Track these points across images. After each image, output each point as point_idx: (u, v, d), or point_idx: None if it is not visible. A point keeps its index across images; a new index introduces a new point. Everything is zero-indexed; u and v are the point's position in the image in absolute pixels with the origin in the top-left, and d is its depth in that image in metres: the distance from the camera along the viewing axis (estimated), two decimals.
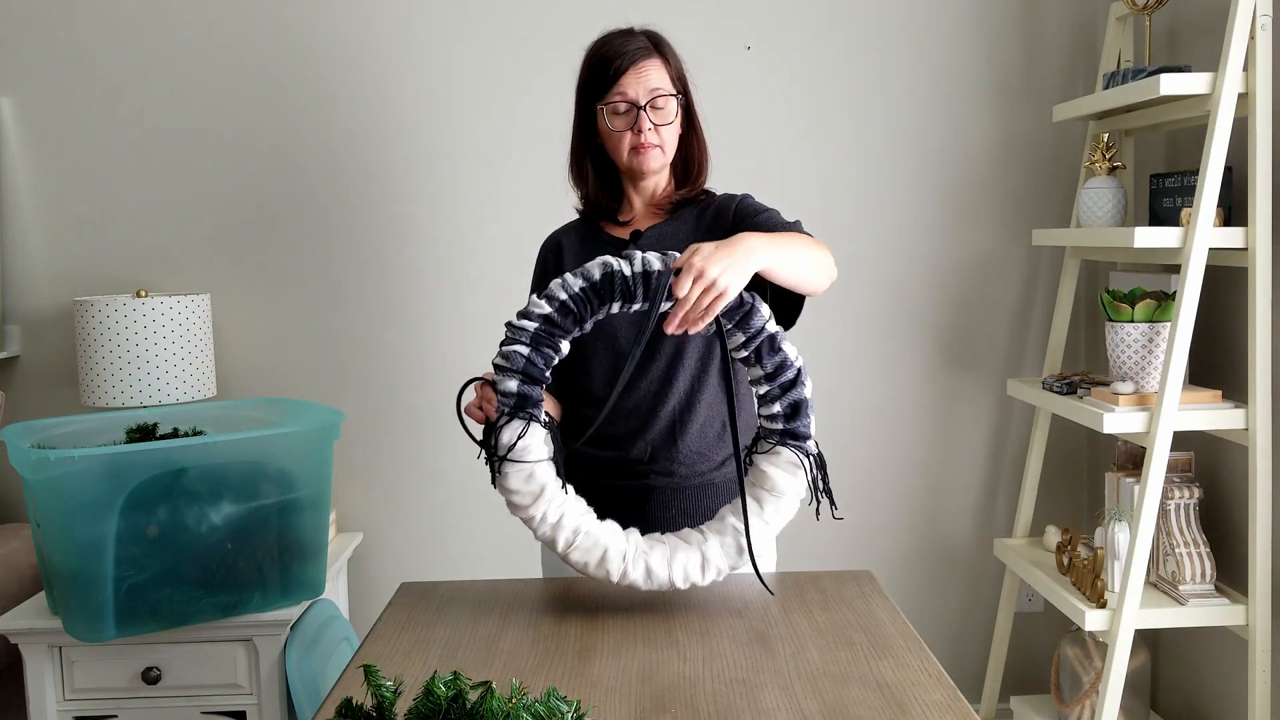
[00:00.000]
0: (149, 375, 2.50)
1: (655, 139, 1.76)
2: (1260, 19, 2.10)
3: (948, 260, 2.84)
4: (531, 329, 1.50)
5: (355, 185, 2.80)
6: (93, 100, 2.77)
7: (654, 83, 1.74)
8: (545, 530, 1.54)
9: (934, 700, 1.29)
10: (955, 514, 2.93)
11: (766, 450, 1.59)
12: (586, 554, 1.54)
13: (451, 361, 2.82)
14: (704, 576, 1.55)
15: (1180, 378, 2.16)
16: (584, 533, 1.54)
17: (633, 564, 1.53)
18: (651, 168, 1.78)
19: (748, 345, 1.54)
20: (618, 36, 1.78)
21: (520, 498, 1.53)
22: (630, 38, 1.77)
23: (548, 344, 1.51)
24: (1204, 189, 2.12)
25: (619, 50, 1.75)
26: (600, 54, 1.78)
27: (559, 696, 1.08)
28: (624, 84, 1.74)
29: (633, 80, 1.74)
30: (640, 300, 1.49)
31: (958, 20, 2.79)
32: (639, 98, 1.74)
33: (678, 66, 1.80)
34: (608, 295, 1.49)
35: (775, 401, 1.57)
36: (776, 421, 1.58)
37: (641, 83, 1.74)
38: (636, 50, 1.75)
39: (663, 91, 1.75)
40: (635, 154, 1.76)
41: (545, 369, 1.52)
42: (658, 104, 1.75)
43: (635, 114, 1.74)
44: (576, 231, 1.88)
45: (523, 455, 1.51)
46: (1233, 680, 2.39)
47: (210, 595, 2.15)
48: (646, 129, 1.74)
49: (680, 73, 1.81)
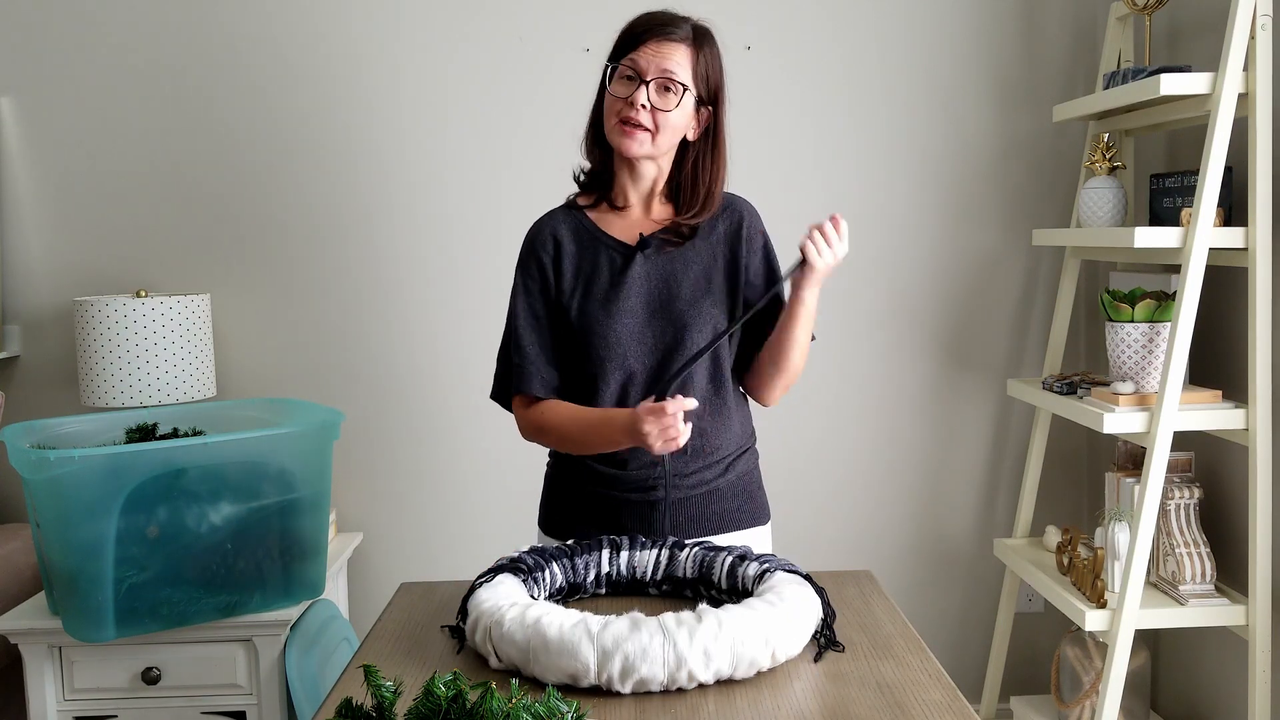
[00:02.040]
0: (149, 375, 2.50)
1: (645, 120, 1.66)
2: (1260, 19, 2.10)
3: (948, 260, 2.84)
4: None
5: (355, 185, 2.79)
6: (93, 100, 2.77)
7: (669, 65, 1.65)
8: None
9: (934, 700, 1.29)
10: (955, 514, 2.92)
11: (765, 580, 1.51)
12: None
13: (451, 362, 2.82)
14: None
15: (1180, 378, 2.16)
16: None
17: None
18: (631, 150, 1.68)
19: None
20: (664, 13, 1.70)
21: None
22: (675, 18, 1.69)
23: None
24: (1204, 189, 2.12)
25: (653, 21, 1.67)
26: (639, 19, 1.70)
27: (558, 697, 1.08)
28: (639, 53, 1.66)
29: (649, 52, 1.65)
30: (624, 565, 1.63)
31: (958, 21, 2.79)
32: (646, 71, 1.65)
33: (710, 69, 1.70)
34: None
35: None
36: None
37: (656, 59, 1.65)
38: (669, 29, 1.66)
39: (674, 77, 1.65)
40: (619, 129, 1.67)
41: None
42: (665, 86, 1.65)
43: (638, 87, 1.65)
44: (569, 226, 1.77)
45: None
46: (1233, 680, 2.39)
47: (210, 595, 2.15)
48: (639, 103, 1.64)
49: (712, 77, 1.71)
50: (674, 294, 1.73)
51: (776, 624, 1.35)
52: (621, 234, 1.76)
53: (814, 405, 2.85)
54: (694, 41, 1.68)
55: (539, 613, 1.36)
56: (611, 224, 1.77)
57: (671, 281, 1.73)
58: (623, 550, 1.64)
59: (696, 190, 1.74)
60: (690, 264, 1.74)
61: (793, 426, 2.82)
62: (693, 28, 1.69)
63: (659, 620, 1.33)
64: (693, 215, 1.74)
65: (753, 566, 1.55)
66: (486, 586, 1.49)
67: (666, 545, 1.64)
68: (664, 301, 1.73)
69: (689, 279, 1.74)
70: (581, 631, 1.31)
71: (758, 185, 2.79)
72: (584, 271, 1.75)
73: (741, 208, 1.81)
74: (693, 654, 1.30)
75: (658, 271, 1.73)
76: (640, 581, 1.63)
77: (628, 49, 1.67)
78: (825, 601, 1.49)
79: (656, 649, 1.29)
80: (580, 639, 1.30)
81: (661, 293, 1.73)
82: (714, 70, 1.71)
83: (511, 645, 1.35)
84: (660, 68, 1.65)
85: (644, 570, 1.63)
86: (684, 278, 1.74)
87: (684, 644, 1.30)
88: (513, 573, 1.55)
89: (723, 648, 1.31)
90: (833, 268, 1.67)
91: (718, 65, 1.72)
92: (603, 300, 1.72)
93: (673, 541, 1.64)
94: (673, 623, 1.32)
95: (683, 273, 1.74)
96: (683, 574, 1.61)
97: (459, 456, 2.83)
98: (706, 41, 1.70)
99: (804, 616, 1.40)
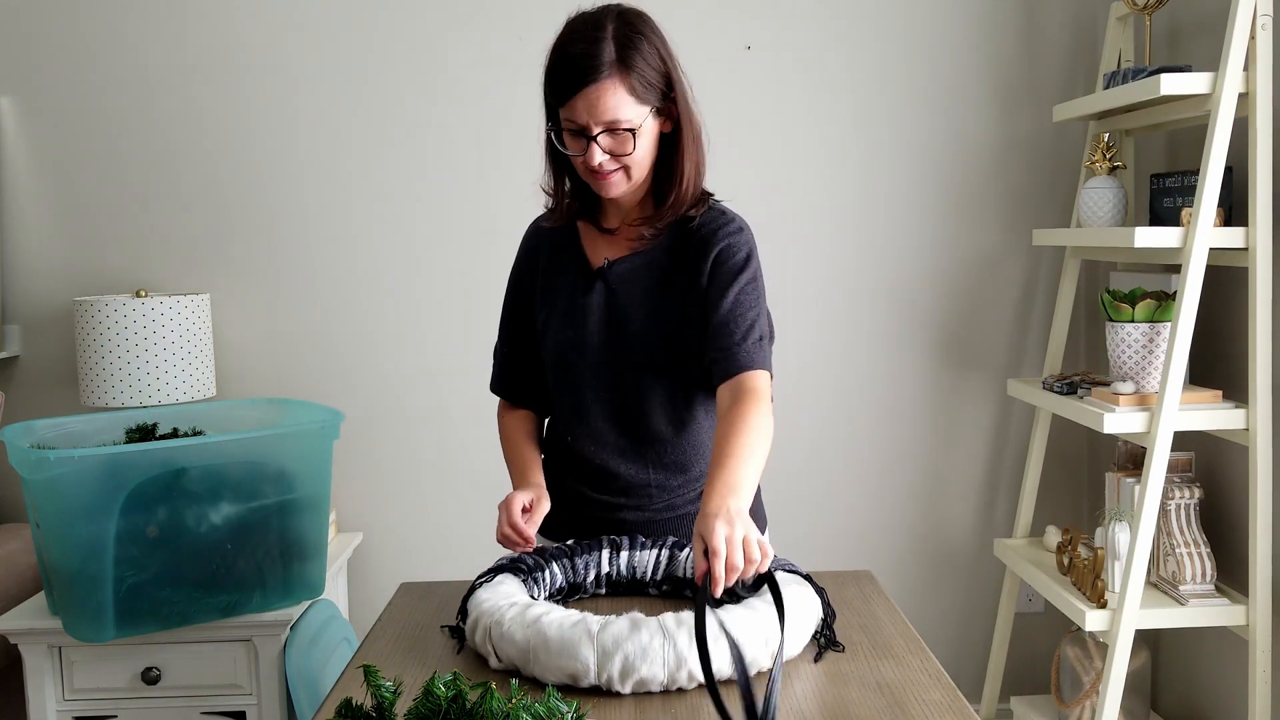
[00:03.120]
0: (149, 375, 2.50)
1: (613, 166, 1.55)
2: (1260, 19, 2.10)
3: (948, 260, 2.84)
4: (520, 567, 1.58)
5: (355, 185, 2.80)
6: (93, 100, 2.77)
7: (609, 113, 1.50)
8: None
9: (934, 700, 1.29)
10: (955, 514, 2.92)
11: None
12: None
13: (451, 362, 2.82)
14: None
15: (1180, 378, 2.16)
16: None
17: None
18: (611, 194, 1.59)
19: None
20: (580, 39, 1.51)
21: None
22: (592, 45, 1.50)
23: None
24: (1204, 189, 2.12)
25: (571, 68, 1.50)
26: (555, 63, 1.53)
27: (558, 697, 1.08)
28: (574, 108, 1.51)
29: (583, 107, 1.50)
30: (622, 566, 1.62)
31: (958, 20, 2.79)
32: (588, 126, 1.51)
33: (651, 74, 1.53)
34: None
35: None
36: None
37: (592, 112, 1.50)
38: (589, 72, 1.49)
39: (618, 123, 1.51)
40: (591, 179, 1.57)
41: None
42: (614, 131, 1.52)
43: (589, 143, 1.52)
44: (550, 237, 1.73)
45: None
46: (1233, 680, 2.39)
47: (210, 595, 2.15)
48: (596, 162, 1.53)
49: (656, 81, 1.54)
50: (628, 324, 1.66)
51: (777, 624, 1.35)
52: (595, 251, 1.69)
53: (814, 405, 2.85)
54: (620, 65, 1.50)
55: (539, 613, 1.36)
56: (594, 237, 1.71)
57: (631, 309, 1.65)
58: (623, 550, 1.64)
59: (670, 185, 1.61)
60: (650, 291, 1.65)
61: (793, 426, 2.82)
62: (615, 45, 1.50)
63: (659, 620, 1.33)
64: (671, 206, 1.62)
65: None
66: (486, 586, 1.49)
67: (666, 545, 1.64)
68: (617, 330, 1.66)
69: (646, 308, 1.65)
70: (581, 631, 1.31)
71: (758, 185, 2.81)
72: (551, 289, 1.71)
73: (720, 228, 1.64)
74: (693, 654, 1.30)
75: (616, 300, 1.66)
76: (640, 581, 1.63)
77: (559, 102, 1.53)
78: (825, 601, 1.49)
79: (656, 649, 1.29)
80: (580, 639, 1.30)
81: (616, 320, 1.66)
82: (655, 71, 1.54)
83: (511, 645, 1.35)
84: (600, 120, 1.50)
85: (644, 570, 1.63)
86: (640, 307, 1.65)
87: (684, 644, 1.30)
88: (513, 573, 1.55)
89: (723, 648, 1.31)
90: (732, 541, 1.33)
91: (657, 59, 1.54)
92: (560, 324, 1.69)
93: (673, 541, 1.64)
94: (673, 623, 1.32)
95: (640, 301, 1.65)
96: (683, 574, 1.61)
97: (459, 456, 2.83)
98: (635, 51, 1.51)
99: (804, 616, 1.40)
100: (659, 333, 1.64)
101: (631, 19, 1.54)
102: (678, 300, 1.64)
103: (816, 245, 2.82)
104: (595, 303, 1.67)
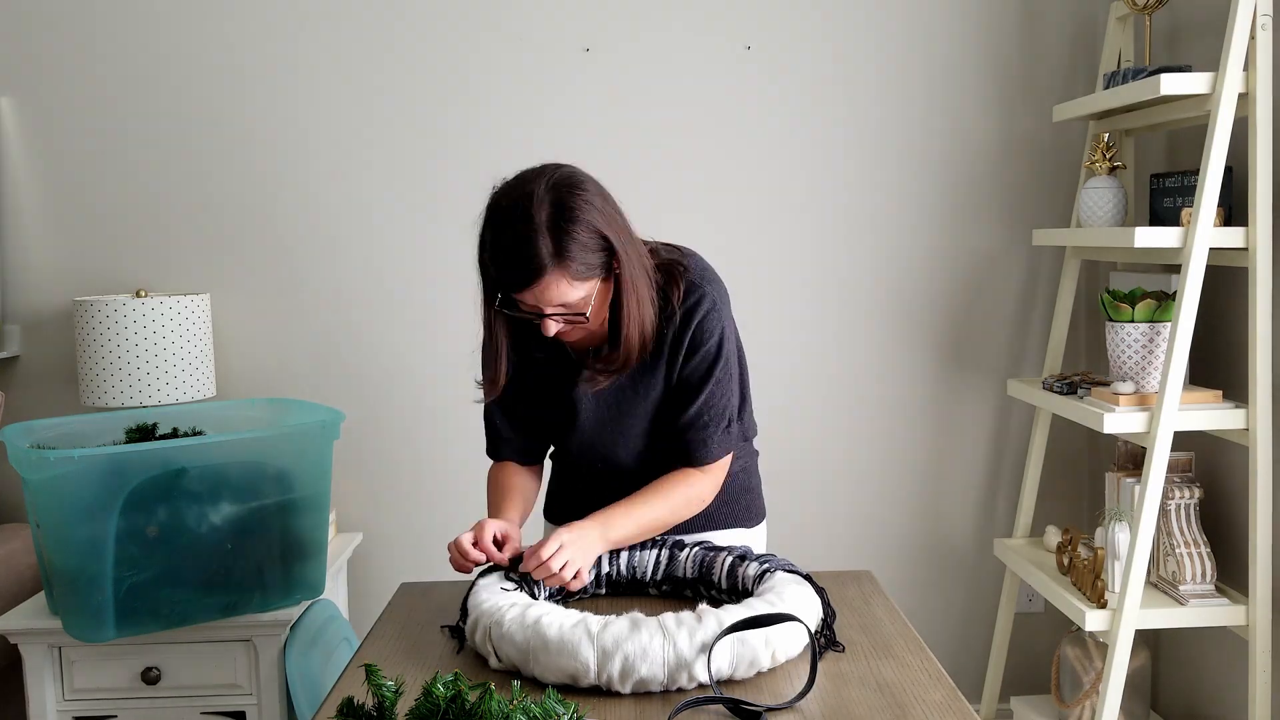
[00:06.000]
0: (149, 375, 2.50)
1: (569, 326, 1.56)
2: (1260, 19, 2.10)
3: (948, 260, 2.84)
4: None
5: (355, 185, 2.79)
6: (93, 100, 2.77)
7: (557, 299, 1.50)
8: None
9: (934, 700, 1.29)
10: (955, 514, 2.93)
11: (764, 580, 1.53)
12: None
13: (451, 362, 2.81)
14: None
15: (1180, 378, 2.16)
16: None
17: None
18: (575, 341, 1.64)
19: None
20: (511, 234, 1.47)
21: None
22: (527, 244, 1.45)
23: None
24: (1204, 189, 2.12)
25: (511, 265, 1.48)
26: (492, 257, 1.51)
27: (556, 698, 1.08)
28: (521, 298, 1.52)
29: (530, 298, 1.51)
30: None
31: (958, 20, 2.79)
32: (540, 308, 1.52)
33: (594, 252, 1.49)
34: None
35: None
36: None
37: (541, 299, 1.50)
38: (530, 271, 1.46)
39: (567, 310, 1.52)
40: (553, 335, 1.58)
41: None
42: (567, 304, 1.52)
43: (541, 320, 1.53)
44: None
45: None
46: (1233, 680, 2.39)
47: (210, 595, 2.15)
48: (553, 332, 1.54)
49: (600, 251, 1.50)
50: (613, 411, 1.71)
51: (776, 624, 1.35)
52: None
53: (814, 405, 2.85)
54: (558, 259, 1.46)
55: (539, 613, 1.36)
56: None
57: (617, 395, 1.69)
58: (622, 550, 1.64)
59: (620, 327, 1.57)
60: (636, 381, 1.68)
61: (793, 426, 2.82)
62: (550, 238, 1.45)
63: (659, 620, 1.33)
64: (624, 350, 1.58)
65: (753, 566, 1.55)
66: (486, 586, 1.49)
67: (666, 545, 1.64)
68: (608, 414, 1.71)
69: (631, 397, 1.69)
70: (581, 631, 1.31)
71: (758, 185, 2.81)
72: (542, 356, 1.71)
73: (693, 308, 1.63)
74: (693, 654, 1.30)
75: (603, 393, 1.69)
76: (640, 581, 1.63)
77: (502, 291, 1.53)
78: (825, 601, 1.49)
79: (656, 649, 1.29)
80: (580, 639, 1.30)
81: (605, 406, 1.71)
82: (594, 250, 1.49)
83: (511, 645, 1.35)
84: (549, 306, 1.51)
85: (644, 570, 1.63)
86: (627, 397, 1.69)
87: (684, 644, 1.30)
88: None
89: (723, 648, 1.31)
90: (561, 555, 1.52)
91: (593, 235, 1.49)
92: (550, 411, 1.74)
93: (673, 541, 1.64)
94: (673, 623, 1.32)
95: (626, 391, 1.69)
96: (683, 574, 1.61)
97: (459, 456, 2.83)
98: (569, 239, 1.46)
99: (804, 617, 1.40)
100: (644, 412, 1.70)
101: (563, 195, 1.48)
102: (662, 380, 1.68)
103: (816, 245, 2.82)
104: (582, 394, 1.70)
